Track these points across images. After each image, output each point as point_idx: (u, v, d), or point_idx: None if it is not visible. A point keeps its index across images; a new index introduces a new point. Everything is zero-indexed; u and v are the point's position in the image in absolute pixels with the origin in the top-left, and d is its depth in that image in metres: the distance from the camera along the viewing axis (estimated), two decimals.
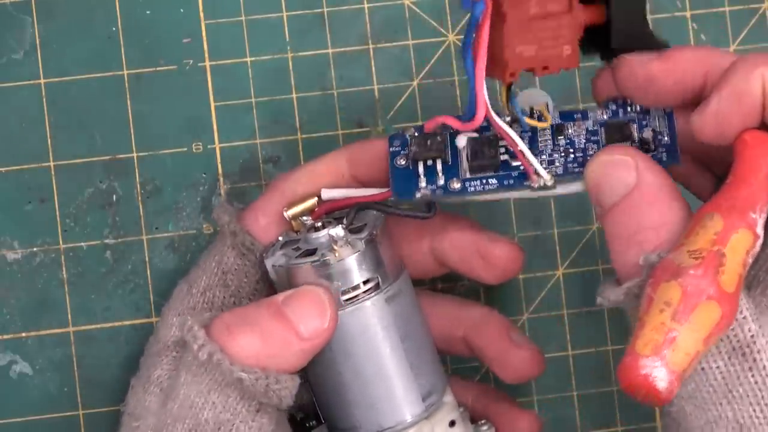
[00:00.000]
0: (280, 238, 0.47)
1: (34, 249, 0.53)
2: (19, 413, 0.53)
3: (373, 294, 0.44)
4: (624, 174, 0.41)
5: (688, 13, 0.55)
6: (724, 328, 0.37)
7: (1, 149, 0.53)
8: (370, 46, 0.54)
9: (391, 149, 0.46)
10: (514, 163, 0.44)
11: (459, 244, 0.47)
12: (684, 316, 0.36)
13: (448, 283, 0.54)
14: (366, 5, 0.54)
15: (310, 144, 0.54)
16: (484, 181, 0.44)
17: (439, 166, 0.45)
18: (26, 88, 0.54)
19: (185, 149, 0.54)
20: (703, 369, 0.38)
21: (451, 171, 0.45)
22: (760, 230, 0.39)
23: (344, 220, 0.45)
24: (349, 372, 0.45)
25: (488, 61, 0.41)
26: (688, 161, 0.44)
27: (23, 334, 0.53)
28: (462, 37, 0.46)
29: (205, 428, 0.41)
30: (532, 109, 0.45)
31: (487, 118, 0.42)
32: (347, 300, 0.44)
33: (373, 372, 0.45)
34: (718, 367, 0.38)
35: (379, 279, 0.45)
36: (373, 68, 0.54)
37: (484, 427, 0.48)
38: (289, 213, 0.46)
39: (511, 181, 0.44)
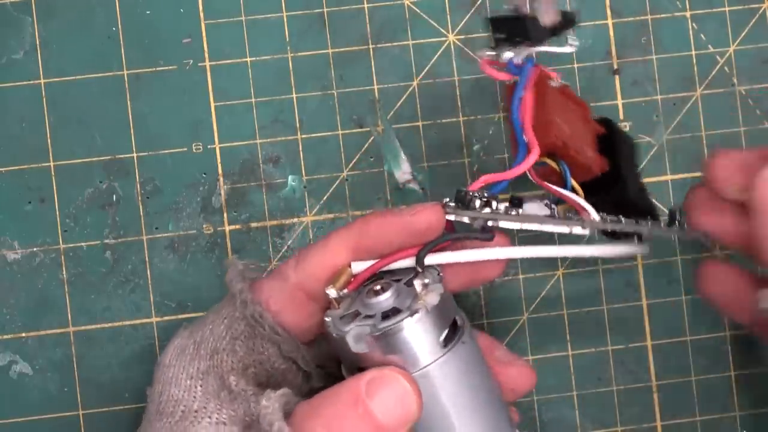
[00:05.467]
0: (328, 318, 0.44)
1: (34, 249, 0.53)
2: (19, 413, 0.53)
3: (463, 333, 0.43)
4: None
5: (688, 13, 0.55)
6: None
7: (1, 149, 0.53)
8: (370, 46, 0.54)
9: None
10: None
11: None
12: None
13: None
14: (366, 5, 0.54)
15: (310, 144, 0.54)
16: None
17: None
18: (26, 88, 0.54)
19: (185, 149, 0.54)
20: None
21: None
22: None
23: (390, 272, 0.44)
24: (464, 418, 0.43)
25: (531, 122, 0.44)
26: None
27: (23, 334, 0.53)
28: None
29: None
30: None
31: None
32: (447, 346, 0.43)
33: (486, 409, 0.44)
34: None
35: (459, 318, 0.44)
36: (373, 68, 0.54)
37: None
38: (333, 291, 0.44)
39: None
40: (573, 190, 0.46)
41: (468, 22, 0.55)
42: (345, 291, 0.44)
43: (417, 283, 0.43)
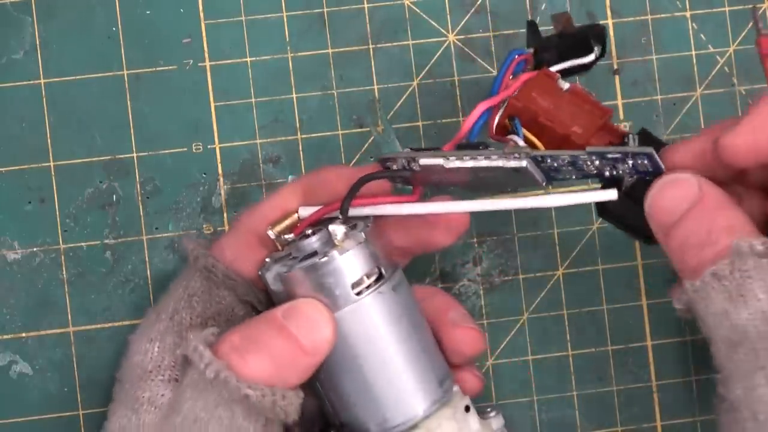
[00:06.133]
0: (268, 259, 0.47)
1: (34, 249, 0.53)
2: (19, 413, 0.53)
3: (381, 283, 0.44)
4: (688, 189, 0.42)
5: (688, 13, 0.55)
6: None
7: (1, 149, 0.53)
8: (370, 46, 0.54)
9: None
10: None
11: (405, 223, 0.47)
12: None
13: (448, 283, 0.54)
14: (366, 5, 0.54)
15: (310, 144, 0.54)
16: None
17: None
18: (26, 88, 0.54)
19: (185, 149, 0.54)
20: None
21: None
22: None
23: (338, 218, 0.45)
24: (375, 364, 0.44)
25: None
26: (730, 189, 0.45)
27: (23, 334, 0.53)
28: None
29: None
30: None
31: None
32: (361, 293, 0.44)
33: (399, 359, 0.45)
34: None
35: (382, 269, 0.45)
36: (373, 68, 0.54)
37: (492, 413, 0.48)
38: (274, 230, 0.46)
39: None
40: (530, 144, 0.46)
41: (468, 22, 0.55)
42: (291, 235, 0.46)
43: (332, 229, 0.44)
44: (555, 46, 0.46)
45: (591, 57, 0.45)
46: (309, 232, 0.46)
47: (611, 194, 0.43)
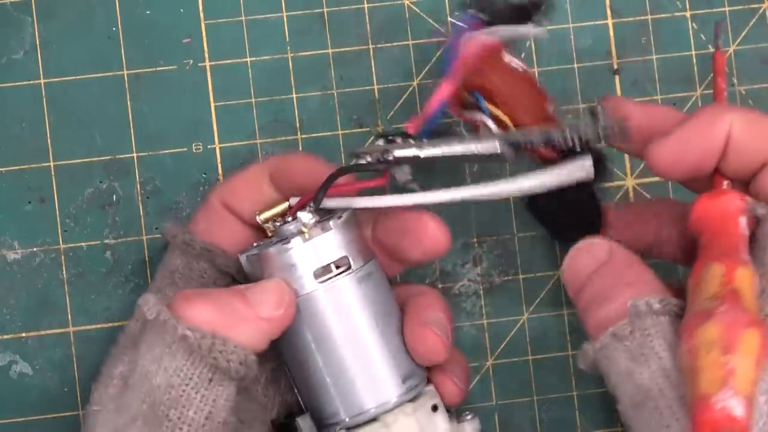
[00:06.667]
0: (255, 244, 0.48)
1: (34, 249, 0.53)
2: (19, 413, 0.53)
3: (345, 274, 0.45)
4: (597, 252, 0.43)
5: (688, 13, 0.55)
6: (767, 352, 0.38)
7: (1, 149, 0.53)
8: (370, 46, 0.54)
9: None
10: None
11: (388, 224, 0.47)
12: (732, 346, 0.37)
13: (448, 283, 0.54)
14: (366, 5, 0.54)
15: (310, 144, 0.54)
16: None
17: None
18: (26, 88, 0.54)
19: (185, 149, 0.54)
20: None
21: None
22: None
23: (310, 204, 0.46)
24: (327, 354, 0.45)
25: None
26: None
27: (23, 334, 0.53)
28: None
29: (157, 394, 0.42)
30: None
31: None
32: (321, 281, 0.45)
33: (350, 352, 0.45)
34: None
35: (351, 260, 0.46)
36: (373, 68, 0.54)
37: (468, 417, 0.48)
38: (261, 217, 0.47)
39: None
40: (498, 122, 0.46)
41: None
42: (278, 222, 0.47)
43: (299, 215, 0.46)
44: (499, 11, 0.46)
45: (529, 28, 0.46)
46: (290, 218, 0.47)
47: (587, 167, 0.44)
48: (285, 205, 0.47)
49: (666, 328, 0.40)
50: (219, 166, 0.54)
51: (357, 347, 0.46)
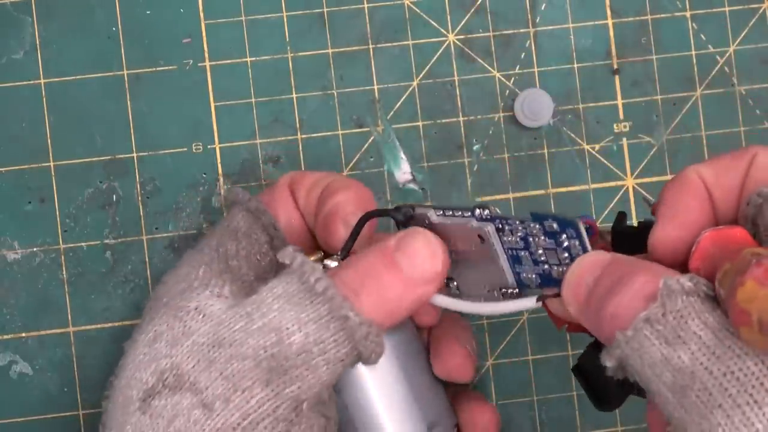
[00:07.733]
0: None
1: (34, 249, 0.53)
2: (19, 413, 0.53)
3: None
4: (599, 258, 0.41)
5: (688, 13, 0.55)
6: None
7: (1, 149, 0.53)
8: (370, 46, 0.54)
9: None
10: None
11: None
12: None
13: None
14: (366, 5, 0.54)
15: (310, 144, 0.54)
16: None
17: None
18: (26, 88, 0.54)
19: (185, 149, 0.54)
20: None
21: None
22: None
23: (338, 253, 0.45)
24: (365, 419, 0.45)
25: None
26: None
27: (23, 334, 0.53)
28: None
29: (287, 350, 0.41)
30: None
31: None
32: None
33: (387, 417, 0.45)
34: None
35: None
36: (373, 68, 0.54)
37: None
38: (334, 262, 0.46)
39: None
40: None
41: (468, 22, 0.55)
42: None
43: (326, 263, 0.44)
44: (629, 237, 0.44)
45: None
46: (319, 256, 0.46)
47: (530, 302, 0.43)
48: (318, 255, 0.46)
49: (699, 307, 0.38)
50: (219, 166, 0.54)
51: (392, 411, 0.45)
